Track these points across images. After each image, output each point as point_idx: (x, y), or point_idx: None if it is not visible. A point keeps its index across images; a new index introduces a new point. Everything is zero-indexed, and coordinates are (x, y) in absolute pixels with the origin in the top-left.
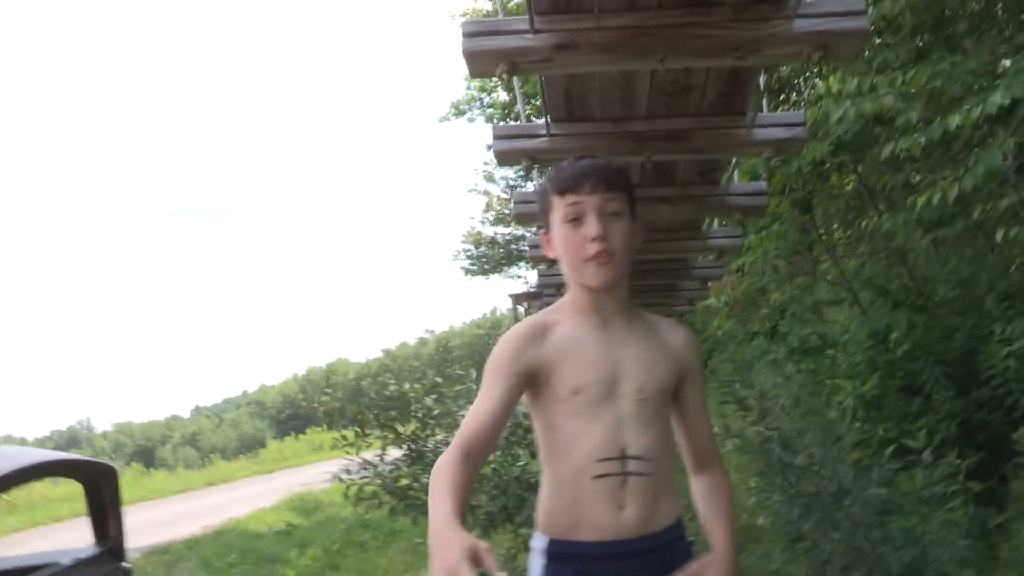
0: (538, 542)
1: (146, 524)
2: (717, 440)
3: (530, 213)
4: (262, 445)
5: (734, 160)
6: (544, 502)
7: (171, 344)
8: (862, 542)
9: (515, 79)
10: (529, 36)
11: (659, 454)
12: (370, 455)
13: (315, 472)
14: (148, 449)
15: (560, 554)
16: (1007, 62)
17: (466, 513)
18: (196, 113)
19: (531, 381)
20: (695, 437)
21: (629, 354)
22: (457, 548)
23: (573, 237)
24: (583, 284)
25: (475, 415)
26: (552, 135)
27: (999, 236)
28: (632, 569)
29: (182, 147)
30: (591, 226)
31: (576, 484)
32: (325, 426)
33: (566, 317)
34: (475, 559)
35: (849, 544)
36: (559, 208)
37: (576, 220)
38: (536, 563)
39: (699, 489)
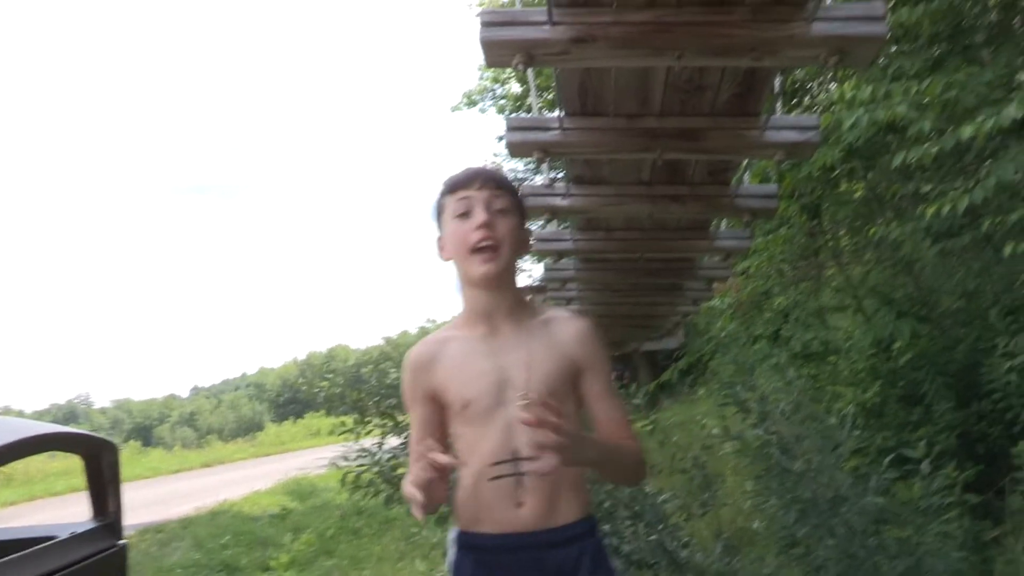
0: (452, 533)
1: (142, 502)
2: (714, 440)
3: (538, 206)
4: (260, 428)
5: (745, 161)
6: (457, 499)
7: (173, 322)
8: (857, 550)
9: (530, 71)
10: (547, 28)
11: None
12: (368, 442)
13: (312, 457)
14: (146, 427)
15: (466, 544)
16: (1023, 75)
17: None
18: (210, 92)
19: (435, 400)
20: (602, 425)
21: (514, 360)
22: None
23: (461, 229)
24: (469, 279)
25: (411, 446)
26: (565, 128)
27: (1007, 250)
28: (531, 560)
29: (194, 125)
30: (478, 216)
31: (477, 484)
32: (324, 411)
33: (458, 331)
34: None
35: (844, 551)
36: (450, 206)
37: (465, 214)
38: (450, 551)
39: None
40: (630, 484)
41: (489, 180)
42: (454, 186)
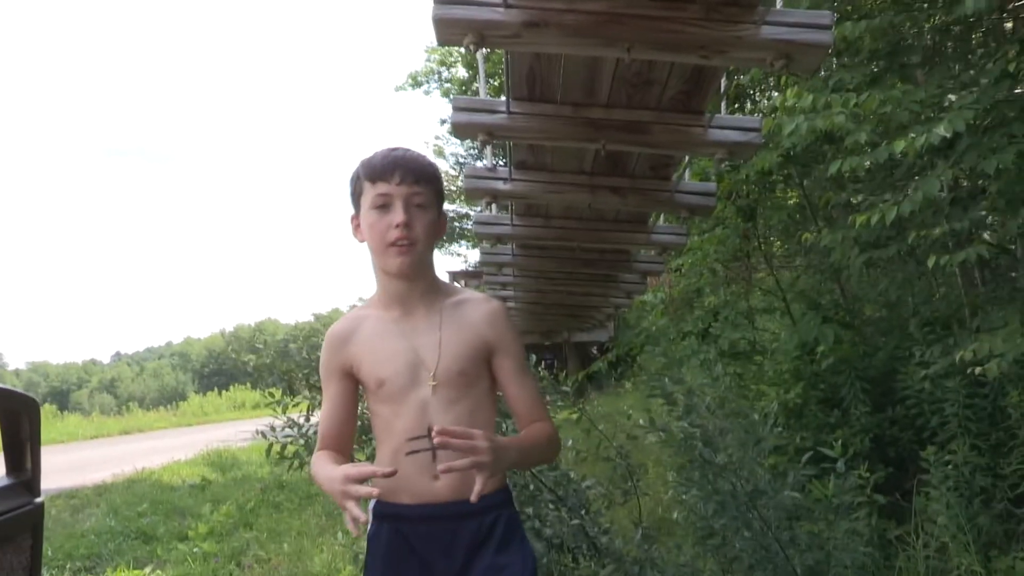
0: (371, 503)
1: (55, 467)
2: (638, 432)
3: (480, 189)
4: (183, 398)
5: (687, 158)
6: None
7: (97, 286)
8: (771, 542)
9: (479, 54)
10: (500, 10)
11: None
12: (295, 416)
13: (235, 429)
14: (63, 391)
15: (383, 514)
16: (953, 97)
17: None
18: (149, 56)
19: (351, 376)
20: (514, 404)
21: (426, 342)
22: (338, 478)
23: (379, 223)
24: (385, 270)
25: (321, 421)
26: (511, 113)
27: (930, 263)
28: (445, 530)
29: (127, 87)
30: (396, 214)
31: (394, 458)
32: (250, 384)
33: (373, 311)
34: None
35: (759, 543)
36: (369, 194)
37: (383, 207)
38: (371, 521)
39: None
40: (545, 464)
41: (408, 174)
42: (373, 175)
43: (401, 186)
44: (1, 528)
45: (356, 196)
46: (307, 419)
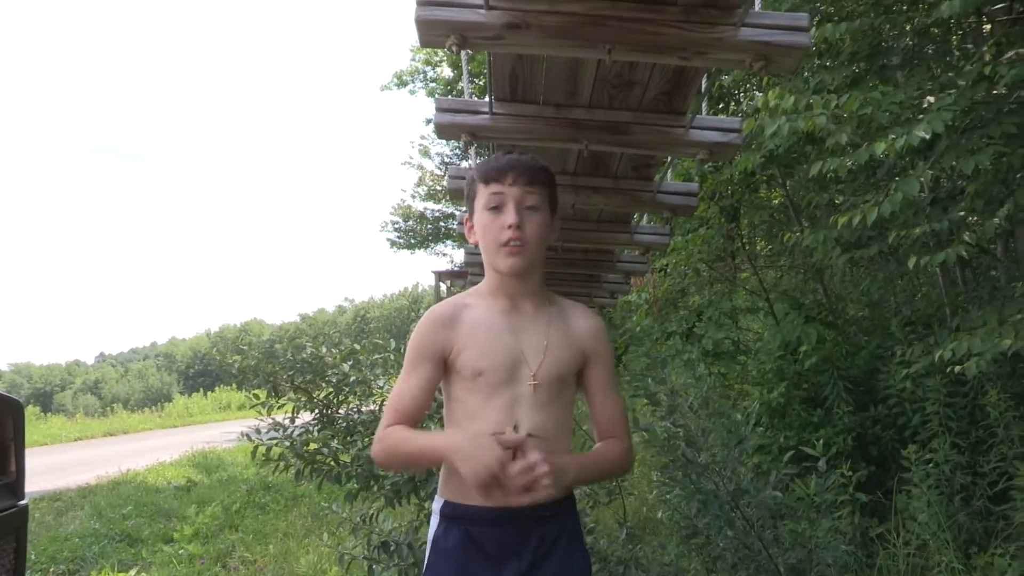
0: (436, 504)
1: (38, 470)
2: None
3: (463, 189)
4: (167, 399)
5: (669, 159)
6: (444, 468)
7: (81, 286)
8: (754, 541)
9: (463, 55)
10: (482, 12)
11: (553, 433)
12: (280, 417)
13: (220, 431)
14: (46, 393)
15: (452, 515)
16: (932, 99)
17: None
18: (132, 55)
19: (443, 360)
20: (598, 415)
21: (531, 342)
22: (490, 448)
23: (492, 224)
24: (496, 269)
25: (400, 396)
26: (494, 114)
27: (910, 263)
28: (516, 533)
29: (111, 86)
30: (508, 215)
31: None
32: (235, 385)
33: (479, 300)
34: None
35: (742, 542)
36: (482, 196)
37: (496, 208)
38: (433, 522)
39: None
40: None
41: (521, 175)
42: (487, 176)
43: (514, 187)
44: None
45: (470, 199)
46: (292, 420)
